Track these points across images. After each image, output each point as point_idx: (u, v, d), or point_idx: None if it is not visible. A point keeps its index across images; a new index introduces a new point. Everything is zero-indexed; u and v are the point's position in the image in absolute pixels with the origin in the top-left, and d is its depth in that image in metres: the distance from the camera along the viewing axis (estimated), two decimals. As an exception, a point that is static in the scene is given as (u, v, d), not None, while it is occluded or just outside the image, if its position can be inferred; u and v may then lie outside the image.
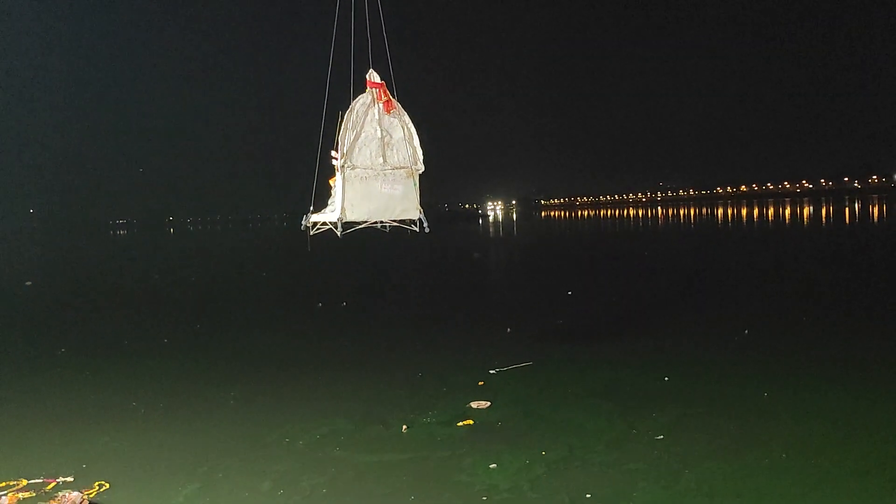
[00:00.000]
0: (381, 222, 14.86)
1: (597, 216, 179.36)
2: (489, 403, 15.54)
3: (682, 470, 11.51)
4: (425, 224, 14.90)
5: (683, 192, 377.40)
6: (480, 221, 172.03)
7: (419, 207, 14.91)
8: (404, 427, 14.26)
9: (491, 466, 12.05)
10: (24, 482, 11.97)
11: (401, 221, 15.00)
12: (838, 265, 41.73)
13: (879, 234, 68.97)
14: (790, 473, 11.24)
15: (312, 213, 14.67)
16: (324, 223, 14.59)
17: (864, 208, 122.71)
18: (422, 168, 14.88)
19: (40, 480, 12.04)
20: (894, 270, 36.96)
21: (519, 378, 17.70)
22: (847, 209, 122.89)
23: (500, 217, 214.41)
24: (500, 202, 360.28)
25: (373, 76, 14.42)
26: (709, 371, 17.68)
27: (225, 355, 22.03)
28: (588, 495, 10.68)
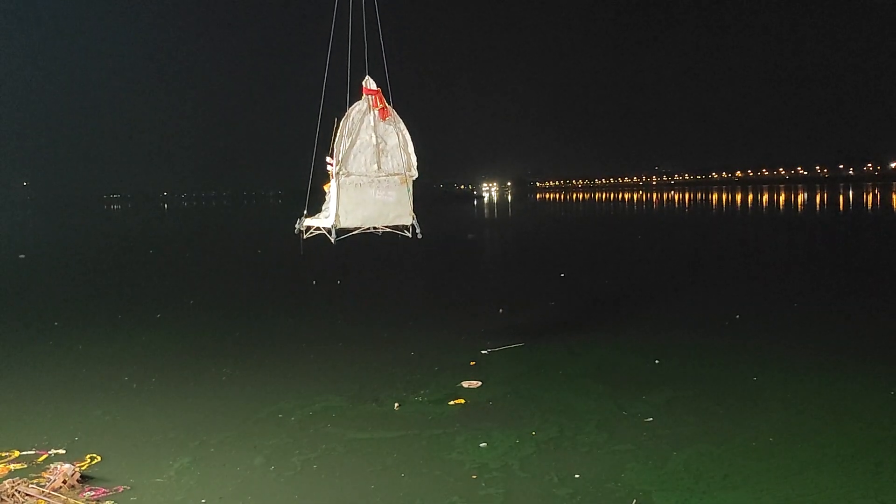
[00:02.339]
0: (375, 228, 14.97)
1: (592, 199, 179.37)
2: (480, 383, 15.63)
3: (671, 452, 11.62)
4: (418, 230, 15.04)
5: (679, 176, 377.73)
6: (475, 202, 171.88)
7: (412, 213, 15.03)
8: (396, 405, 14.34)
9: (481, 445, 12.14)
10: (17, 453, 12.03)
11: (394, 227, 15.11)
12: (830, 253, 41.94)
13: (871, 222, 69.22)
14: (777, 457, 11.35)
15: (306, 216, 14.74)
16: (317, 228, 14.68)
17: (857, 196, 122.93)
18: (416, 174, 14.97)
19: (32, 452, 12.09)
20: (885, 261, 37.13)
21: (510, 359, 17.78)
22: (841, 197, 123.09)
23: (495, 198, 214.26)
24: (494, 183, 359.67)
25: (369, 83, 14.44)
26: (699, 355, 17.80)
27: (218, 331, 22.06)
28: (577, 475, 10.78)
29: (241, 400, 14.95)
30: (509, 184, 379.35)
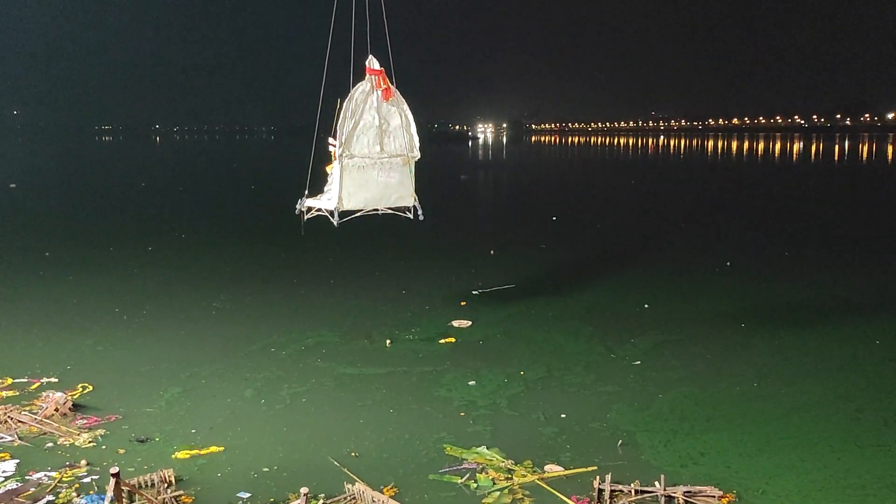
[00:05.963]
0: (376, 210, 15.01)
1: (587, 143, 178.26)
2: (471, 323, 15.76)
3: (657, 394, 11.80)
4: (419, 211, 15.02)
5: (675, 122, 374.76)
6: (470, 143, 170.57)
7: (414, 195, 15.03)
8: (388, 342, 14.47)
9: (470, 383, 12.30)
10: (9, 381, 12.13)
11: (396, 209, 15.13)
12: (824, 204, 41.97)
13: (866, 174, 69.13)
14: (760, 401, 11.54)
15: (307, 197, 14.72)
16: (318, 209, 14.70)
17: (854, 147, 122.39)
18: (418, 155, 14.91)
19: (25, 380, 12.20)
20: (878, 213, 37.23)
21: (501, 299, 17.89)
22: (836, 147, 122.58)
23: (490, 140, 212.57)
24: (490, 125, 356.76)
25: (372, 63, 14.22)
26: (689, 300, 17.93)
27: (209, 265, 22.06)
28: (563, 415, 10.94)
29: (233, 333, 15.03)
30: (504, 126, 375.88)
